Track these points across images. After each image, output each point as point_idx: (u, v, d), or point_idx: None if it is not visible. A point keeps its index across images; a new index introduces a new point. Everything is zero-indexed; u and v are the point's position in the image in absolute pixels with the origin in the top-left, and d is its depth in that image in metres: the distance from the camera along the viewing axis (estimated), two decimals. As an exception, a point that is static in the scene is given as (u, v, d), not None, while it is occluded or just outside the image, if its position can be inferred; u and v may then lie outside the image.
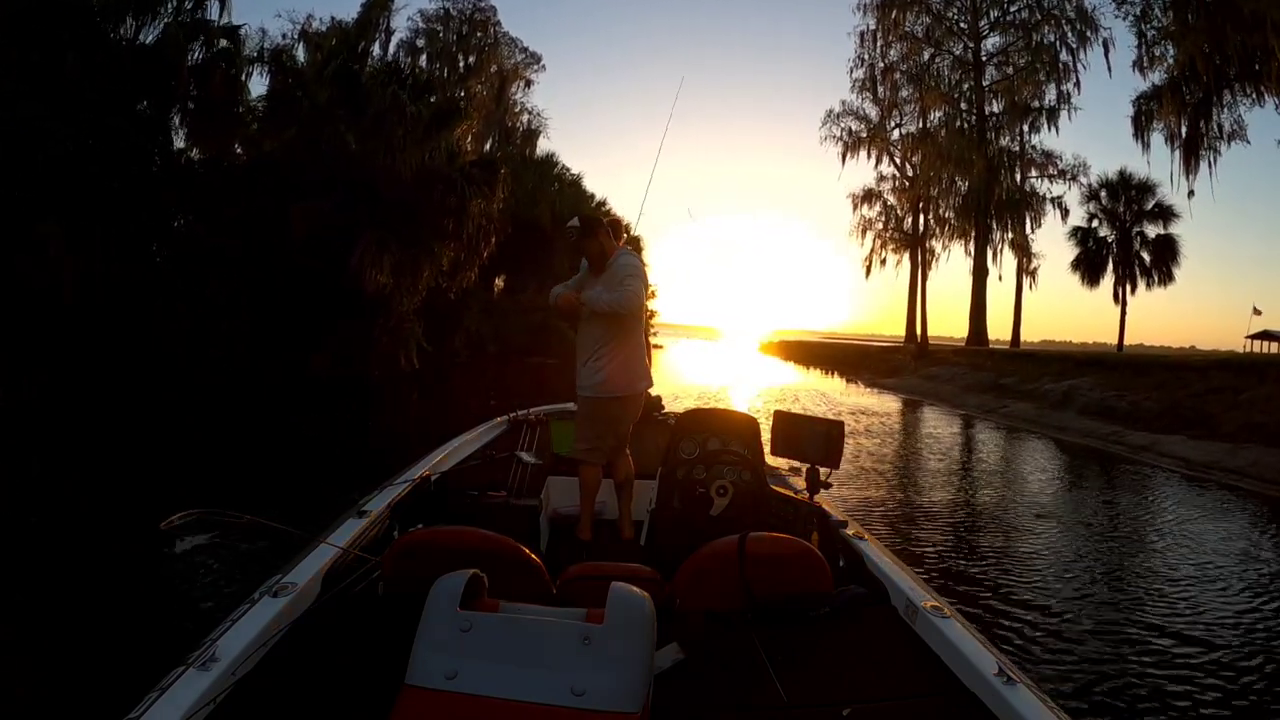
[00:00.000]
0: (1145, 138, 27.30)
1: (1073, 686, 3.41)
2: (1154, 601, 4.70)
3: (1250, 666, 3.72)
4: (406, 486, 2.88)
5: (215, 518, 1.59)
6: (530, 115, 43.42)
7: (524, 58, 43.42)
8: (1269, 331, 42.47)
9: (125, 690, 1.44)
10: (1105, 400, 13.69)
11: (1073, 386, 14.79)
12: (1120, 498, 8.00)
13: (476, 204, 15.37)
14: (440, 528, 1.93)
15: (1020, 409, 14.73)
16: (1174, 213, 28.40)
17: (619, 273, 3.20)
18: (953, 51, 33.17)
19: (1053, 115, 30.88)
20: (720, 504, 2.99)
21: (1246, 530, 6.84)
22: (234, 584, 3.23)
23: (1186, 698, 3.35)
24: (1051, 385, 15.38)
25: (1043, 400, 14.83)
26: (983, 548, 5.67)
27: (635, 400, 3.36)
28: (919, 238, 38.75)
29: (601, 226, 3.37)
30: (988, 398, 16.14)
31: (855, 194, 40.90)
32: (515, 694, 1.10)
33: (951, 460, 9.67)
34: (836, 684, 1.69)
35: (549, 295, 3.46)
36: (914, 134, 36.08)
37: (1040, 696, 1.54)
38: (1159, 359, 16.29)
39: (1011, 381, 16.59)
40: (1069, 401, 14.28)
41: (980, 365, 18.73)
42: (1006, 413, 14.83)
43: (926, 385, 19.02)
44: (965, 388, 17.37)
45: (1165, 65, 26.60)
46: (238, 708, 1.41)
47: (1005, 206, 30.72)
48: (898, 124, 38.22)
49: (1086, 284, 29.77)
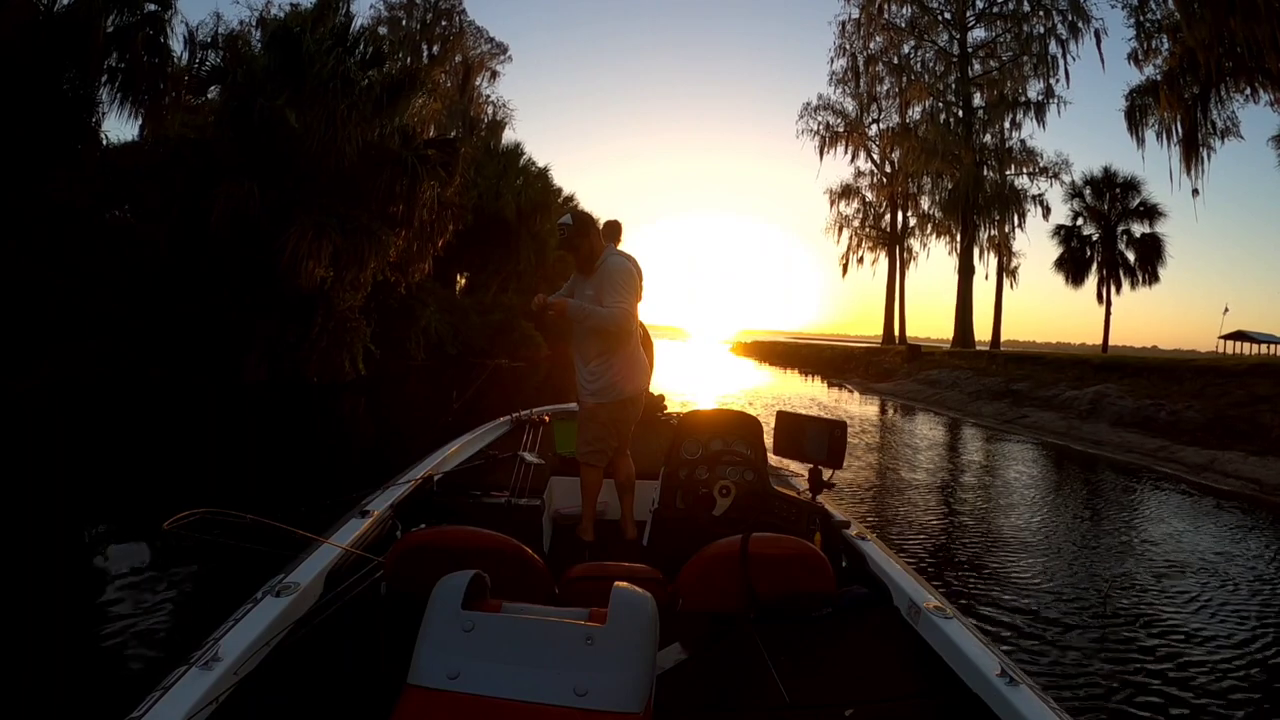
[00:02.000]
0: (1139, 133, 26.49)
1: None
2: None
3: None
4: (409, 486, 2.91)
5: (218, 517, 1.57)
6: (495, 106, 42.19)
7: (490, 48, 42.69)
8: (1243, 332, 42.43)
9: (126, 690, 1.44)
10: (1141, 410, 12.26)
11: (1099, 394, 13.36)
12: (1250, 542, 6.30)
13: (429, 187, 13.36)
14: (443, 528, 1.89)
15: (1044, 420, 13.23)
16: (1160, 211, 27.77)
17: (608, 277, 3.12)
18: (937, 43, 31.97)
19: (1040, 110, 29.87)
20: (723, 504, 2.99)
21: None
22: (236, 584, 2.46)
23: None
24: (1074, 392, 13.95)
25: (1068, 410, 13.37)
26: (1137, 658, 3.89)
27: (635, 402, 3.32)
28: (898, 235, 37.65)
29: (594, 225, 3.30)
30: (1002, 406, 14.64)
31: (833, 189, 39.79)
32: (518, 694, 1.09)
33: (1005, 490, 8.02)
34: (839, 684, 1.71)
35: (532, 302, 3.29)
36: (894, 128, 34.94)
37: (1043, 698, 1.52)
38: (1183, 363, 14.98)
39: (1024, 388, 15.13)
40: (1099, 411, 12.84)
41: (985, 369, 17.27)
42: (1029, 424, 13.30)
43: (927, 391, 17.48)
44: (973, 394, 15.86)
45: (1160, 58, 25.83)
46: (240, 707, 1.41)
47: (993, 203, 29.52)
48: (874, 119, 37.19)
49: (1071, 283, 29.08)
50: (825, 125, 38.22)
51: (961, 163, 29.25)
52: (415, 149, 13.69)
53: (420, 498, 2.93)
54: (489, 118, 41.61)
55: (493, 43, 42.59)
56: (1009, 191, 30.06)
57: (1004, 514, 6.73)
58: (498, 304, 26.36)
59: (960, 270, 30.92)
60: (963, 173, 29.23)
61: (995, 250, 31.38)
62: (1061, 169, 30.73)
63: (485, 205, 27.70)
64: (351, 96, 13.84)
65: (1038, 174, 31.26)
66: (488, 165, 28.83)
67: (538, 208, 28.41)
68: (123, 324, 11.69)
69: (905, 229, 37.62)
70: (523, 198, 28.32)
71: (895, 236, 37.74)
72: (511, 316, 25.46)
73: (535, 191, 28.99)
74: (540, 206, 28.54)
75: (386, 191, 13.42)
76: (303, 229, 12.65)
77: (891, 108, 35.81)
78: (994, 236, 30.47)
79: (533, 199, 28.54)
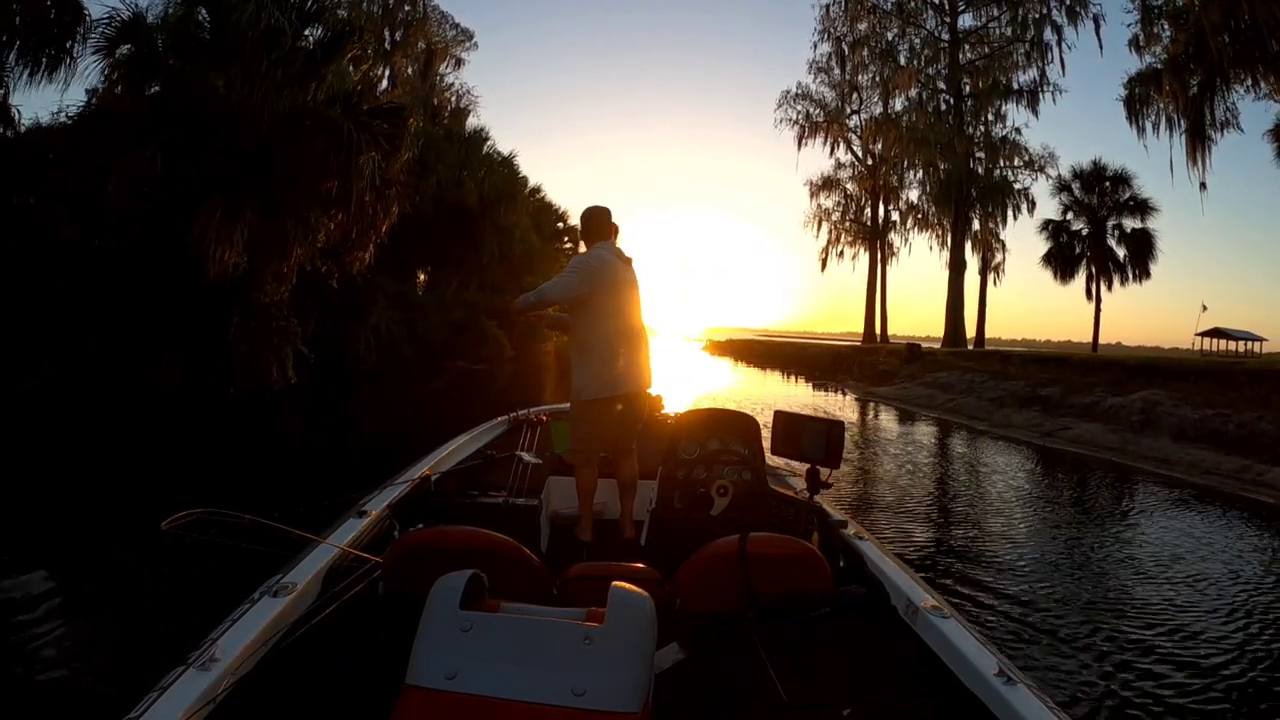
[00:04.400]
0: (1140, 122, 25.35)
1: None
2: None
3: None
4: (407, 486, 2.87)
5: (216, 518, 1.58)
6: (459, 95, 40.46)
7: (455, 34, 41.46)
8: (1220, 329, 41.99)
9: (123, 691, 1.42)
10: (1205, 422, 10.60)
11: (1149, 402, 11.69)
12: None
13: (369, 159, 11.07)
14: (440, 527, 1.88)
15: (1090, 433, 11.47)
16: (1151, 206, 26.84)
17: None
18: (925, 27, 30.41)
19: (1034, 98, 28.46)
20: (721, 504, 2.96)
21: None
22: (234, 584, 2.19)
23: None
24: (1117, 400, 12.26)
25: (1116, 420, 11.65)
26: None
27: (621, 401, 3.16)
28: (880, 229, 36.10)
29: (589, 224, 3.31)
30: (1033, 415, 12.88)
31: (814, 181, 38.13)
32: (516, 694, 1.08)
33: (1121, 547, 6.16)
34: (837, 684, 1.73)
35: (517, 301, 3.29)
36: (877, 118, 33.36)
37: (1041, 698, 1.50)
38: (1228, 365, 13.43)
39: (1054, 393, 13.43)
40: (1155, 423, 11.15)
41: (1002, 371, 15.54)
42: (1073, 438, 11.53)
43: (940, 396, 15.67)
44: (994, 401, 14.10)
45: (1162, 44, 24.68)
46: (238, 708, 1.40)
47: (987, 195, 27.99)
48: (855, 110, 35.64)
49: (1059, 279, 28.07)
50: (805, 115, 36.59)
51: (955, 152, 27.67)
52: (355, 116, 11.40)
53: (418, 497, 2.89)
54: (453, 105, 39.85)
55: (458, 29, 41.46)
56: (1002, 183, 28.60)
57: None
58: (459, 301, 24.06)
59: (951, 265, 29.40)
60: (955, 163, 27.65)
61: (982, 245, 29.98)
62: (1047, 162, 29.54)
63: (446, 194, 25.36)
64: (279, 51, 11.55)
65: (1022, 168, 29.99)
66: (448, 151, 26.47)
67: (502, 197, 26.11)
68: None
69: (887, 223, 36.13)
70: (486, 186, 25.96)
71: (877, 230, 36.20)
72: (474, 314, 23.21)
73: (500, 179, 26.63)
74: (505, 195, 26.25)
75: (319, 166, 11.12)
76: (213, 209, 10.34)
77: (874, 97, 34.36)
78: (990, 229, 28.97)
79: (497, 187, 26.19)
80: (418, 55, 38.57)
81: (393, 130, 11.74)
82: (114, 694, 1.61)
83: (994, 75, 28.52)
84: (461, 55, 41.13)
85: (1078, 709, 3.09)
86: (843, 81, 35.17)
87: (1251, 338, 43.28)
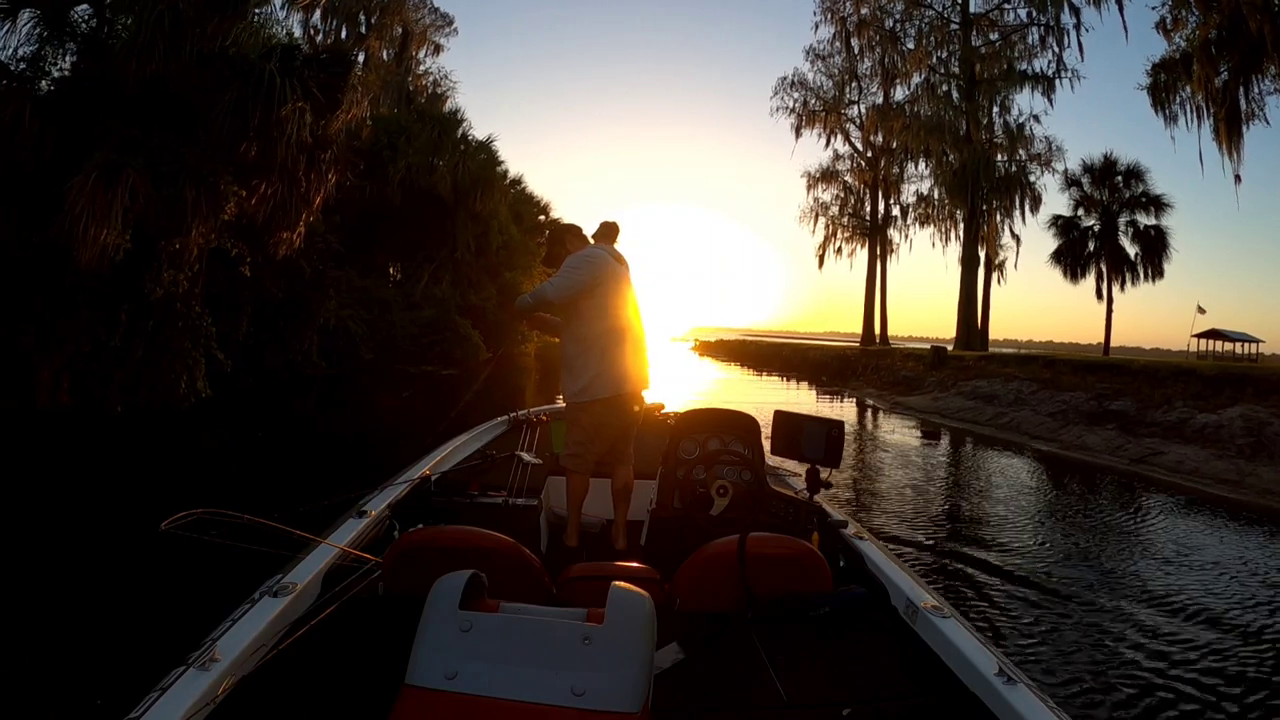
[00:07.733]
0: (1168, 110, 23.58)
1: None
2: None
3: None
4: (406, 486, 2.83)
5: (216, 518, 1.55)
6: (436, 80, 38.50)
7: (434, 19, 39.60)
8: (1218, 331, 40.68)
9: (125, 690, 1.40)
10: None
11: (1253, 421, 9.62)
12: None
13: (294, 112, 8.65)
14: (440, 528, 1.88)
15: (1192, 459, 9.33)
16: (1165, 202, 25.10)
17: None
18: (934, 8, 28.38)
19: (1050, 85, 26.53)
20: (720, 504, 2.90)
21: None
22: (234, 585, 2.20)
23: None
24: (1207, 416, 10.19)
25: (1217, 443, 9.56)
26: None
27: (617, 404, 3.00)
28: (880, 224, 34.09)
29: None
30: (1110, 435, 10.75)
31: (811, 173, 36.05)
32: (515, 694, 1.06)
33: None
34: (836, 684, 1.69)
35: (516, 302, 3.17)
36: (880, 106, 31.36)
37: (1040, 697, 1.47)
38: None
39: (1126, 407, 11.33)
40: (1267, 447, 9.07)
41: (1051, 380, 13.40)
42: (1172, 465, 9.36)
43: (985, 410, 13.45)
44: (1055, 416, 11.96)
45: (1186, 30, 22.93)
46: (238, 708, 1.39)
47: (1003, 186, 26.00)
48: (854, 100, 33.64)
49: (1069, 278, 26.48)
50: (802, 103, 34.51)
51: (970, 141, 25.64)
52: (281, 61, 8.99)
53: (418, 498, 2.86)
54: (429, 91, 37.77)
55: (437, 13, 38.68)
56: (1019, 173, 26.64)
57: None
58: (429, 297, 21.62)
59: (964, 261, 27.38)
60: (972, 152, 25.62)
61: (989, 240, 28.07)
62: (1055, 156, 27.76)
63: (416, 180, 22.94)
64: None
65: (1029, 161, 28.17)
66: (420, 134, 24.06)
67: (478, 184, 23.68)
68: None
69: (888, 217, 34.14)
70: (460, 172, 23.54)
71: (877, 225, 34.18)
72: (445, 312, 20.79)
73: (476, 165, 24.18)
74: (482, 182, 23.83)
75: (235, 122, 8.71)
76: (89, 175, 7.93)
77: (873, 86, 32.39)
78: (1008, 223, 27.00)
79: (473, 173, 23.76)
80: (394, 39, 36.70)
81: (330, 78, 9.34)
82: (114, 694, 1.66)
83: (1009, 60, 26.57)
84: (440, 41, 39.55)
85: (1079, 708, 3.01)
86: (842, 69, 33.23)
87: (1249, 339, 42.12)
